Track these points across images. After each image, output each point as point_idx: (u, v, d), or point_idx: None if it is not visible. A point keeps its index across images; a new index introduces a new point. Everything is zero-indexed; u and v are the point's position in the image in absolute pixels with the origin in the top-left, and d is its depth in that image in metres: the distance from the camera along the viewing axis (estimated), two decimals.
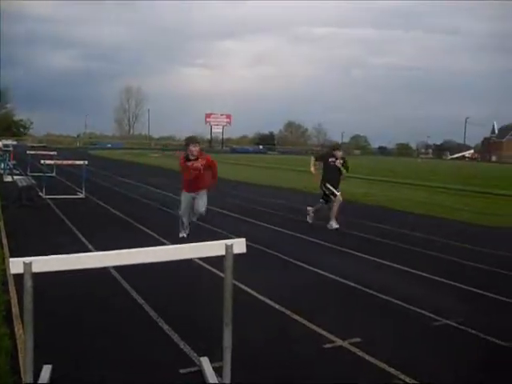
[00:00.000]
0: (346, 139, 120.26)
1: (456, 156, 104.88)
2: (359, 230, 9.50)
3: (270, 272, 6.65)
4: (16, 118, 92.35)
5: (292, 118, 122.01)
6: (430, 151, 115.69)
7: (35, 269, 2.68)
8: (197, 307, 5.13)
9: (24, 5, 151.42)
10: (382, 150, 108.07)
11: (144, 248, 2.96)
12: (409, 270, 6.87)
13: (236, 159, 42.76)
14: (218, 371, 3.40)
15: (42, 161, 15.21)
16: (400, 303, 5.41)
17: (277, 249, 7.86)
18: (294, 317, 4.87)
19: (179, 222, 8.64)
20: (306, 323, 4.71)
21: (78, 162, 16.15)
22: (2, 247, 7.31)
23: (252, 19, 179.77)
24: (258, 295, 5.51)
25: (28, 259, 2.67)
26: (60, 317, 4.70)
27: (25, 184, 12.69)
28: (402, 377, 3.70)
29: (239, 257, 3.02)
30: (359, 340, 4.34)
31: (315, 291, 5.90)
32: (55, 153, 21.72)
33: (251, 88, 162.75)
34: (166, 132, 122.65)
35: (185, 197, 8.59)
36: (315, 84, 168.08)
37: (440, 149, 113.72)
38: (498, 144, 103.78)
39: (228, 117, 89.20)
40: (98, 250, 3.12)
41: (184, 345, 4.12)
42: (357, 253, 7.91)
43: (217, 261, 3.04)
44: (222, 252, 2.94)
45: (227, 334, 2.99)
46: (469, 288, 6.11)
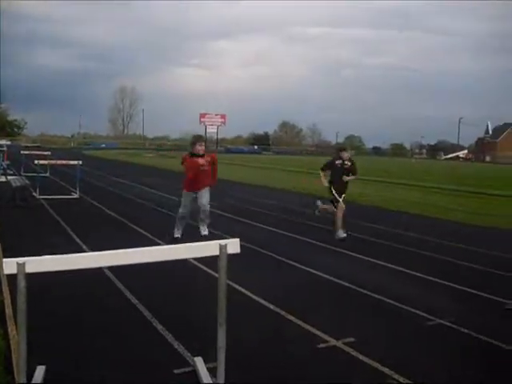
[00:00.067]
0: (341, 139, 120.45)
1: (450, 156, 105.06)
2: (353, 230, 9.52)
3: (265, 272, 6.66)
4: (10, 118, 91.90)
5: (286, 118, 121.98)
6: (424, 151, 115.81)
7: (29, 269, 2.68)
8: (191, 307, 5.13)
9: (20, 4, 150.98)
10: (377, 150, 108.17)
11: (138, 248, 2.96)
12: (403, 270, 6.89)
13: (231, 159, 42.70)
14: (212, 371, 3.40)
15: (36, 161, 15.17)
16: (394, 303, 5.43)
17: (271, 249, 7.87)
18: (288, 317, 4.88)
19: (176, 222, 8.53)
20: (300, 323, 4.72)
21: (72, 162, 16.13)
22: None
23: (246, 19, 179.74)
24: (253, 295, 5.52)
25: (21, 260, 2.67)
26: (54, 317, 4.69)
27: (18, 184, 12.65)
28: (396, 376, 3.72)
29: (234, 257, 3.02)
30: (353, 340, 4.35)
31: (309, 291, 5.91)
32: (49, 153, 21.66)
33: (246, 88, 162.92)
34: (161, 132, 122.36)
35: (186, 196, 8.47)
36: (310, 84, 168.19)
37: (434, 149, 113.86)
38: (492, 144, 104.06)
39: (223, 117, 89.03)
40: (93, 251, 3.12)
41: (178, 345, 4.12)
42: (351, 253, 7.93)
43: (211, 261, 3.05)
44: (216, 252, 2.94)
45: (221, 334, 3.00)
46: (462, 288, 6.14)
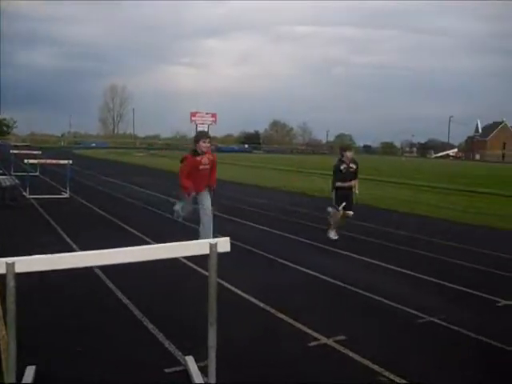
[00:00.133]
0: (331, 138, 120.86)
1: (440, 155, 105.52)
2: (344, 229, 9.52)
3: (256, 271, 6.66)
4: None
5: (277, 117, 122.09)
6: (415, 150, 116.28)
7: (18, 269, 2.66)
8: (182, 306, 5.12)
9: (9, 4, 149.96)
10: (367, 149, 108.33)
11: (128, 247, 2.95)
12: (393, 268, 6.92)
13: (221, 158, 42.36)
14: (204, 370, 3.40)
15: (26, 160, 15.09)
16: (385, 301, 5.45)
17: (262, 248, 7.87)
18: (279, 315, 4.88)
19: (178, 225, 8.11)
20: (292, 322, 4.72)
21: (63, 162, 16.07)
22: None
23: (236, 18, 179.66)
24: (244, 294, 5.52)
25: (11, 259, 2.65)
26: (44, 317, 4.67)
27: (8, 184, 12.56)
28: (387, 374, 3.73)
29: (225, 256, 3.02)
30: (344, 338, 4.36)
31: (300, 290, 5.91)
32: (39, 152, 21.58)
33: (236, 87, 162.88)
34: (152, 131, 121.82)
35: (187, 199, 7.95)
36: (300, 83, 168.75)
37: (424, 147, 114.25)
38: (482, 143, 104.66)
39: (213, 115, 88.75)
40: (83, 250, 3.11)
41: (169, 344, 4.11)
42: (341, 251, 7.94)
43: (202, 259, 3.04)
44: (207, 251, 2.94)
45: (212, 334, 3.00)
46: (453, 286, 6.17)
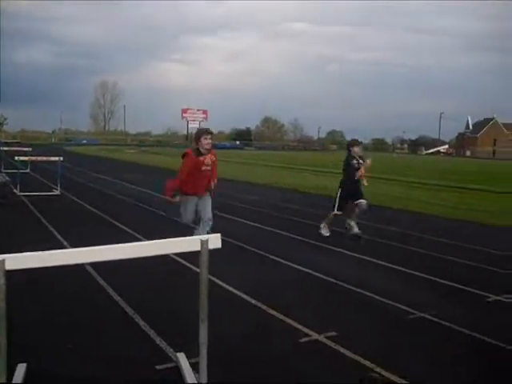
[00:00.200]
0: (323, 134, 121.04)
1: (431, 151, 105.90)
2: (335, 225, 9.53)
3: (247, 267, 6.66)
4: None
5: (269, 114, 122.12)
6: (406, 146, 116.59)
7: (8, 266, 2.65)
8: (173, 303, 5.11)
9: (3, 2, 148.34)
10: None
11: (119, 244, 2.94)
12: (385, 265, 6.94)
13: None
14: (195, 367, 3.40)
15: (16, 157, 15.01)
16: (376, 297, 5.47)
17: (254, 244, 7.87)
18: (271, 312, 4.89)
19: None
20: (283, 318, 4.73)
21: (53, 159, 15.97)
22: None
23: (229, 15, 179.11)
24: (235, 290, 5.52)
25: (1, 256, 2.64)
26: (35, 314, 4.66)
27: None
28: (378, 369, 3.75)
29: (216, 252, 3.02)
30: (335, 334, 4.37)
31: (292, 286, 5.92)
32: (30, 149, 21.46)
33: (228, 83, 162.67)
34: (143, 128, 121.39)
35: (189, 200, 7.24)
36: (292, 79, 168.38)
37: (415, 144, 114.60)
38: (472, 139, 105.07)
39: (204, 112, 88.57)
40: (74, 247, 3.10)
41: (160, 341, 4.11)
42: (333, 247, 7.97)
43: (194, 256, 3.04)
44: (198, 248, 2.94)
45: (203, 330, 3.00)
46: (444, 282, 6.19)
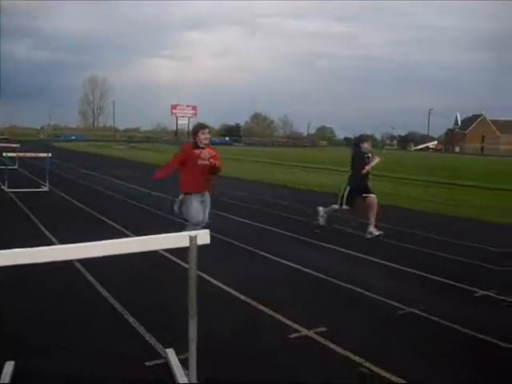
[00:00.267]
0: (313, 130, 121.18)
1: (420, 147, 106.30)
2: (326, 222, 9.56)
3: (237, 263, 6.66)
4: None
5: (258, 110, 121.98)
6: (395, 142, 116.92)
7: None
8: (162, 299, 5.09)
9: None
10: (348, 141, 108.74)
11: (107, 240, 2.93)
12: (376, 261, 6.96)
13: None
14: (184, 363, 3.39)
15: (4, 153, 14.91)
16: (366, 293, 5.48)
17: (243, 240, 7.87)
18: (260, 308, 4.89)
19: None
20: (272, 313, 4.74)
21: (42, 155, 15.90)
22: None
23: (218, 10, 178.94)
24: (224, 286, 5.52)
25: None
26: (24, 311, 4.62)
27: None
28: (367, 364, 3.76)
29: (205, 248, 3.01)
30: (325, 329, 4.38)
31: (281, 282, 5.92)
32: (18, 145, 21.31)
33: (217, 79, 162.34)
34: (133, 124, 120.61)
35: (194, 198, 6.80)
36: (281, 75, 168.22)
37: (404, 140, 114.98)
38: (461, 135, 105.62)
39: (194, 108, 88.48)
40: (62, 244, 3.07)
41: (150, 337, 4.10)
42: (324, 244, 7.98)
43: (183, 252, 3.03)
44: (186, 244, 2.92)
45: (192, 326, 2.99)
46: (434, 277, 6.22)
